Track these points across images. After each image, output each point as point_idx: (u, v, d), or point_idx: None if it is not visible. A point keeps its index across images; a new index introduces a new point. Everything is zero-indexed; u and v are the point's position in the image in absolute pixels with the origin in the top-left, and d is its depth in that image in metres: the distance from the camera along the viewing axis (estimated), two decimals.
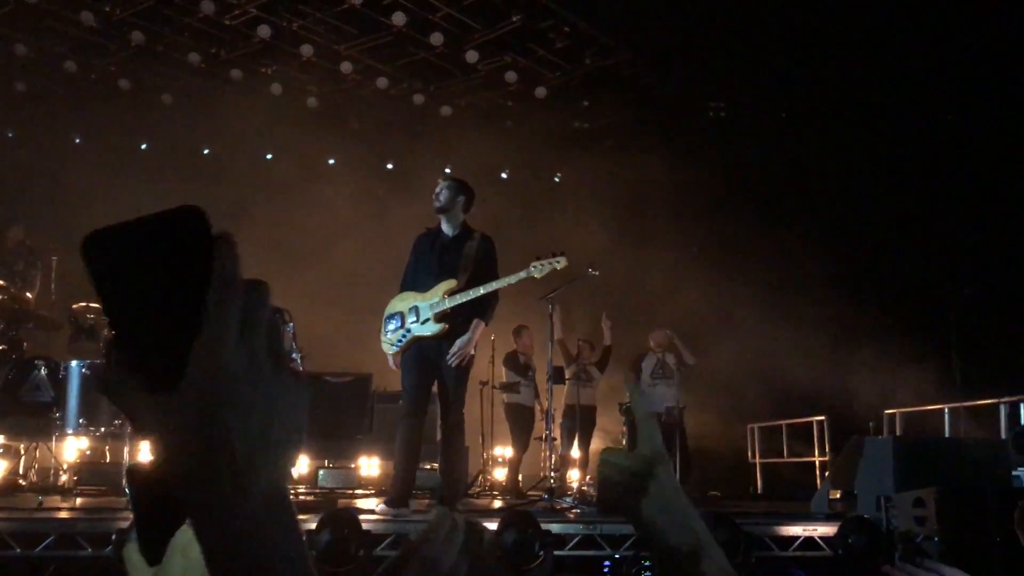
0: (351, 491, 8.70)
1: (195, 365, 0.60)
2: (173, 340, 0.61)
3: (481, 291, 5.93)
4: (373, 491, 9.01)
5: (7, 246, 9.53)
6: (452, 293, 5.94)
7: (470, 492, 9.02)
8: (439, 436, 6.41)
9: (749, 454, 12.17)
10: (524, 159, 12.70)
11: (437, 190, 6.22)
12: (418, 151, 13.00)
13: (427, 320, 5.94)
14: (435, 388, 6.17)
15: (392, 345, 6.07)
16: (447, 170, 13.29)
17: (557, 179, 13.79)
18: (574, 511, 6.35)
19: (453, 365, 5.96)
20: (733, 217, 11.87)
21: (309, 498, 8.05)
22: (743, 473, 12.09)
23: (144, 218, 0.63)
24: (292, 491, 7.91)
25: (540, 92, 12.18)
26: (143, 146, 12.64)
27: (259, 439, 0.62)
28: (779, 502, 8.98)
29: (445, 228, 6.21)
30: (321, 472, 8.78)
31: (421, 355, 6.02)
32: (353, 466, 9.01)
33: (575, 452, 10.05)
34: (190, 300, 0.61)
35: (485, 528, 0.87)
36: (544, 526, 5.30)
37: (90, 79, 11.74)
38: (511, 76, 11.84)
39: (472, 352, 6.10)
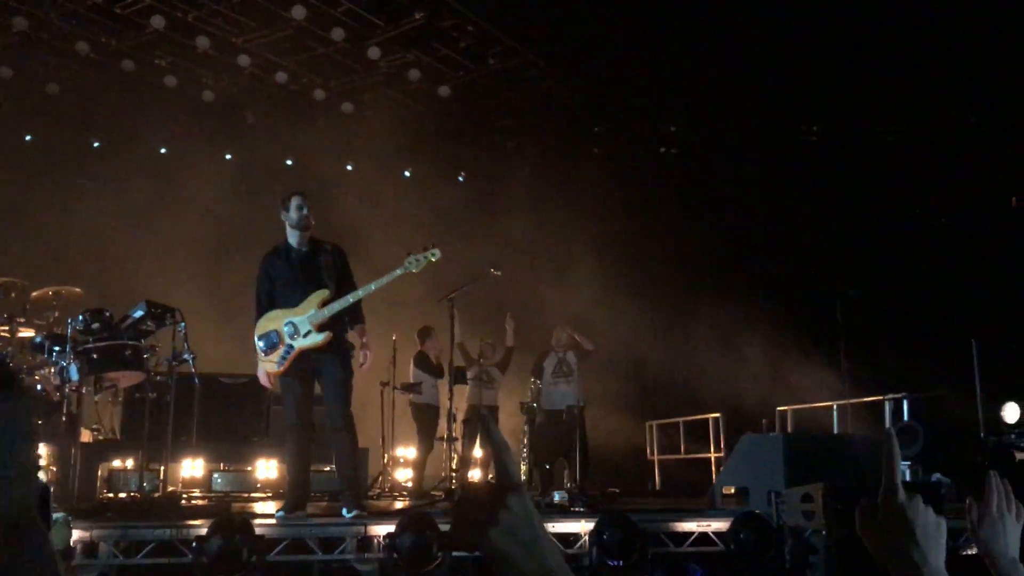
0: (247, 494, 8.50)
1: None
2: None
3: (360, 294, 6.15)
4: (270, 494, 8.81)
5: None
6: (327, 303, 6.06)
7: (369, 494, 8.91)
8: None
9: (648, 451, 12.39)
10: (426, 157, 12.63)
11: (306, 210, 6.27)
12: (319, 148, 12.77)
13: (308, 332, 6.02)
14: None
15: (275, 364, 6.05)
16: (349, 167, 13.16)
17: (461, 178, 13.77)
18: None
19: (365, 369, 6.34)
20: (630, 216, 12.07)
21: (202, 502, 7.84)
22: (642, 470, 12.30)
23: None
24: (185, 495, 7.71)
25: (444, 91, 12.14)
26: (27, 138, 12.05)
27: None
28: (677, 498, 9.16)
29: (296, 244, 6.29)
30: (216, 475, 8.57)
31: (300, 367, 6.08)
32: (249, 468, 8.80)
33: (477, 452, 10.05)
34: None
35: None
36: (443, 527, 5.27)
37: None
38: (414, 74, 11.77)
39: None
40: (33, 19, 10.39)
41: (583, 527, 5.84)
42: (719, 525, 6.10)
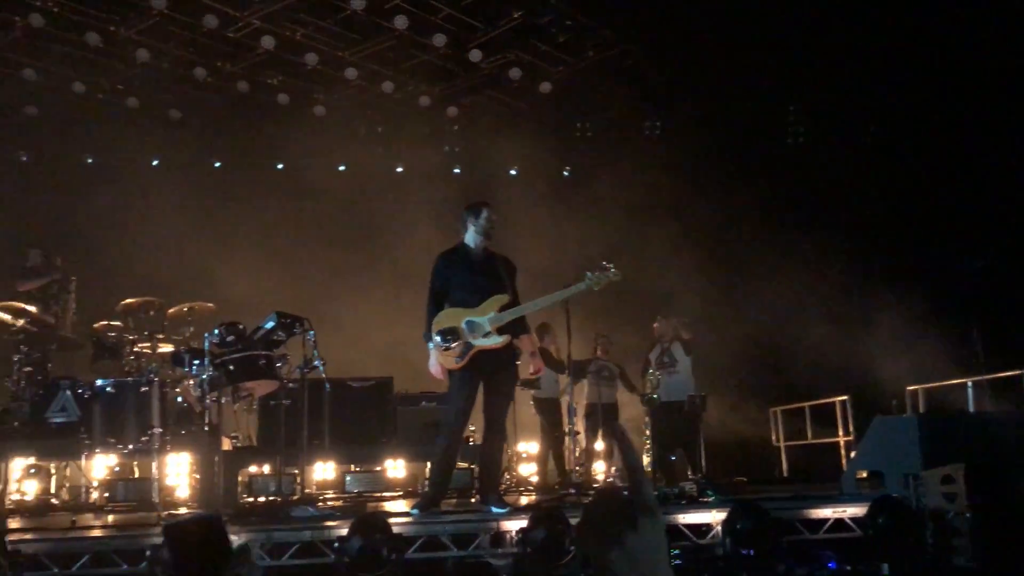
0: (378, 494, 8.75)
1: None
2: None
3: (540, 304, 6.48)
4: (401, 493, 9.07)
5: (35, 271, 9.55)
6: (505, 307, 6.24)
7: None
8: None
9: (773, 438, 12.17)
10: (531, 155, 12.70)
11: (493, 219, 6.52)
12: (425, 153, 13.03)
13: (488, 333, 6.18)
14: None
15: (454, 359, 6.21)
16: (456, 170, 13.37)
17: (566, 173, 13.80)
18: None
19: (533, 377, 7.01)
20: (743, 199, 11.84)
21: (337, 503, 8.12)
22: (767, 457, 12.09)
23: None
24: (320, 497, 8.01)
25: (545, 87, 12.19)
26: (154, 162, 12.72)
27: None
28: (806, 485, 8.97)
29: (474, 247, 6.48)
30: (348, 477, 8.85)
31: (474, 369, 6.24)
32: (379, 469, 9.06)
33: (599, 444, 10.10)
34: None
35: None
36: (574, 521, 5.32)
37: (98, 99, 11.82)
38: (515, 73, 11.86)
39: None
40: (154, 50, 10.96)
41: (714, 517, 5.80)
42: (855, 510, 5.96)
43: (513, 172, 13.43)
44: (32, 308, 8.78)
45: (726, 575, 5.65)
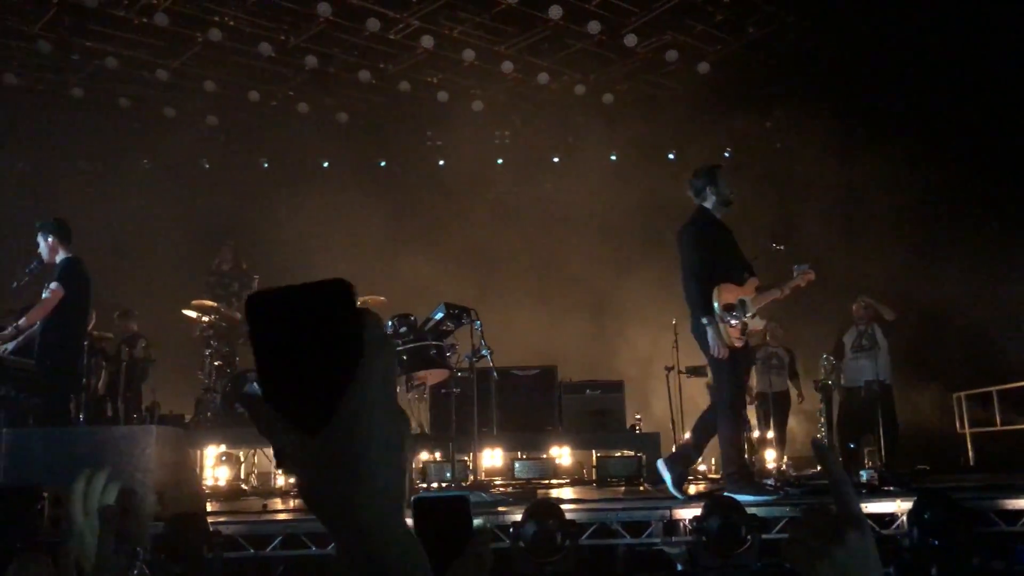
0: (547, 481, 8.85)
1: (345, 411, 0.73)
2: (324, 390, 0.73)
3: (776, 294, 6.12)
4: (568, 480, 9.14)
5: (222, 269, 10.31)
6: (759, 290, 6.05)
7: None
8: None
9: (957, 424, 11.48)
10: (690, 137, 12.48)
11: (730, 186, 6.25)
12: (583, 142, 13.04)
13: (754, 315, 6.00)
14: None
15: (738, 337, 5.94)
16: (612, 157, 13.30)
17: (727, 154, 13.47)
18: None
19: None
20: (924, 175, 11.19)
21: (507, 489, 8.26)
22: (951, 445, 11.42)
23: (300, 286, 0.75)
24: (491, 482, 8.18)
25: (703, 67, 11.94)
26: (324, 164, 13.33)
27: (393, 468, 0.75)
28: (995, 474, 8.42)
29: (719, 219, 6.21)
30: (516, 464, 8.99)
31: (742, 348, 6.05)
32: (545, 456, 9.17)
33: (770, 433, 9.83)
34: (341, 358, 0.74)
35: None
36: (750, 511, 5.21)
37: (271, 106, 12.50)
38: (672, 55, 11.67)
39: None
40: (321, 56, 11.47)
41: (899, 506, 5.53)
42: None
43: (671, 156, 13.24)
44: (218, 305, 9.42)
45: (914, 567, 5.38)
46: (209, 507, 6.61)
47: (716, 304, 5.91)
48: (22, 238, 9.01)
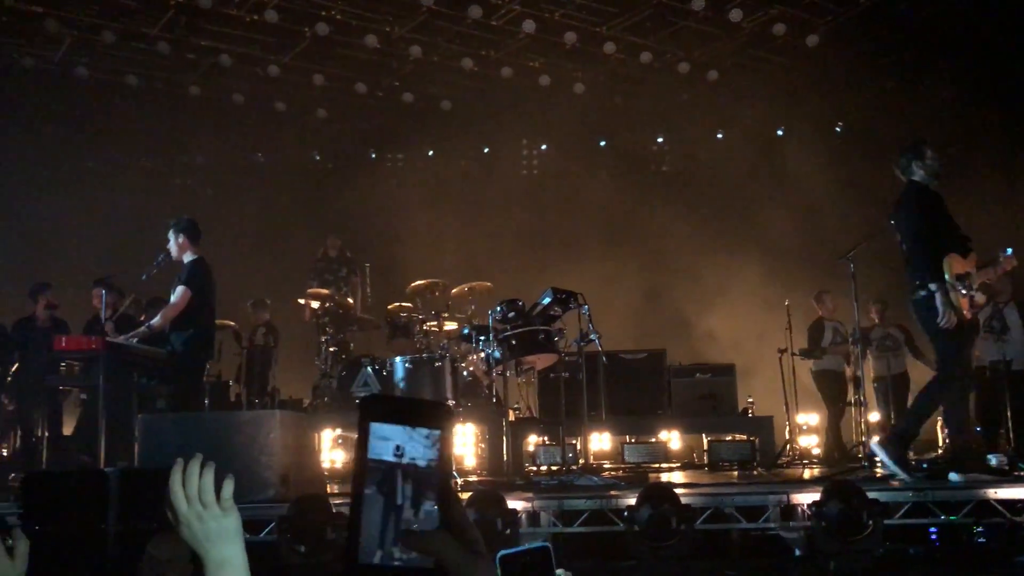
0: (657, 465, 8.81)
1: None
2: None
3: (989, 274, 6.07)
4: (679, 464, 9.07)
5: (329, 255, 10.62)
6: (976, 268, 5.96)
7: (779, 462, 8.82)
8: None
9: None
10: (799, 112, 12.12)
11: (937, 158, 6.13)
12: (687, 121, 12.83)
13: (978, 289, 5.91)
14: None
15: (967, 309, 5.83)
16: (719, 135, 13.06)
17: (838, 129, 13.04)
18: (898, 479, 5.99)
19: None
20: None
21: (617, 473, 8.25)
22: None
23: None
24: (600, 466, 8.18)
25: (812, 40, 11.56)
26: (430, 153, 13.51)
27: None
28: None
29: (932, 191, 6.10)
30: (626, 447, 8.97)
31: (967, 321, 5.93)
32: (654, 440, 9.11)
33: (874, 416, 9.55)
34: None
35: None
36: (871, 495, 5.07)
37: (377, 97, 12.73)
38: (779, 28, 11.33)
39: None
40: (424, 46, 11.61)
41: None
42: None
43: (780, 132, 12.91)
44: (330, 292, 9.71)
45: None
46: (328, 489, 6.83)
47: (947, 273, 5.76)
48: (147, 231, 9.48)
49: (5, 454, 9.61)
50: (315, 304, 9.64)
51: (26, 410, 8.83)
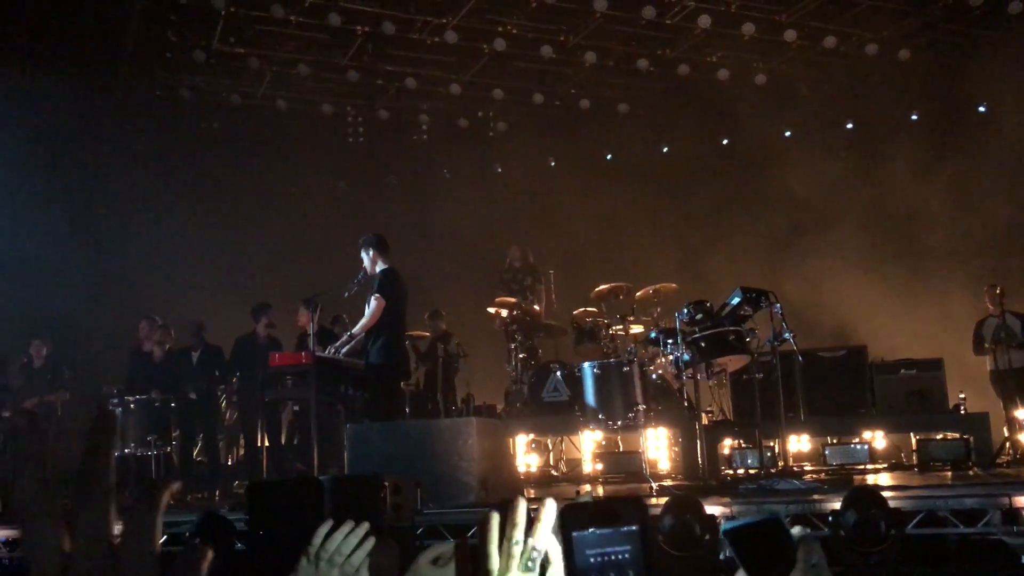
0: (861, 466, 8.41)
1: None
2: None
3: None
4: (885, 465, 8.64)
5: (514, 266, 10.86)
6: None
7: (997, 461, 8.22)
8: None
9: None
10: (1005, 87, 11.23)
11: None
12: (878, 104, 12.19)
13: None
14: None
15: None
16: (913, 117, 12.33)
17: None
18: None
19: None
20: None
21: (819, 476, 7.95)
22: None
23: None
24: (800, 469, 7.92)
25: (1015, 7, 10.68)
26: (608, 157, 13.54)
27: None
28: None
29: None
30: (827, 449, 8.63)
31: None
32: (856, 441, 8.71)
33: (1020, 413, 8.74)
34: None
35: None
36: None
37: (555, 105, 12.90)
38: None
39: None
40: (599, 51, 11.67)
41: None
42: None
43: (982, 109, 12.02)
44: (516, 300, 9.93)
45: None
46: (525, 493, 6.99)
47: None
48: (346, 250, 10.02)
49: (230, 463, 10.46)
50: (504, 313, 9.88)
51: (248, 422, 9.54)
